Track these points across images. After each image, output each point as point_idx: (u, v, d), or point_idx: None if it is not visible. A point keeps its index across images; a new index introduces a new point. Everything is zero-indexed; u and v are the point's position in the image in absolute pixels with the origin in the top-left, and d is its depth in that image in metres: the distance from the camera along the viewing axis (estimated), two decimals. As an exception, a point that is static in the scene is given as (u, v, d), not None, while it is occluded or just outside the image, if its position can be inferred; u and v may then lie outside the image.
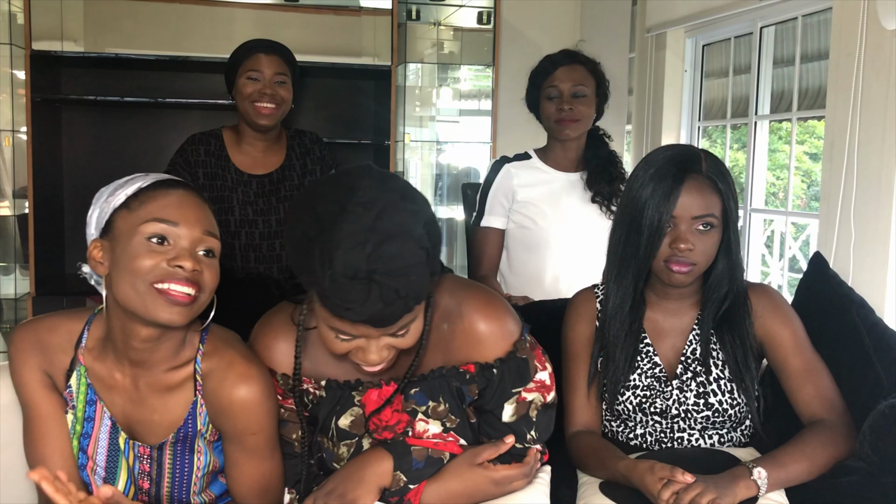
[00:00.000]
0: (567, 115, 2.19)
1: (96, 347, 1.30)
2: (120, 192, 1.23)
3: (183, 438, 1.28)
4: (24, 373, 1.29)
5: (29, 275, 3.10)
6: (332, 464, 1.31)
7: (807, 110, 3.16)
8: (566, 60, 2.23)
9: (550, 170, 2.28)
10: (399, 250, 1.07)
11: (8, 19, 3.18)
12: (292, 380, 1.31)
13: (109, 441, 1.29)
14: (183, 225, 1.20)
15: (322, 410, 1.32)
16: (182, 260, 1.18)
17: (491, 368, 1.30)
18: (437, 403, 1.30)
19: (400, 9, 3.39)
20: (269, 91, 2.26)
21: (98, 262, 1.23)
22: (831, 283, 1.63)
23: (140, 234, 1.18)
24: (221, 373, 1.26)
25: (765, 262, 3.68)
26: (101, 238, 1.23)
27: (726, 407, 1.47)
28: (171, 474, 1.30)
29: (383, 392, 1.32)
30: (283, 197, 2.36)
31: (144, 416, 1.28)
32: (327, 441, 1.32)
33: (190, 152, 2.32)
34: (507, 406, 1.32)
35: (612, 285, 1.51)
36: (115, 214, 1.22)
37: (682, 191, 1.40)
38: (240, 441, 1.28)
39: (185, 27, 3.37)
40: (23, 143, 3.12)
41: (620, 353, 1.49)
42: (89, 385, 1.29)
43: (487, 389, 1.31)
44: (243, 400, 1.25)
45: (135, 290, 1.17)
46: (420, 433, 1.30)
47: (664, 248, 1.43)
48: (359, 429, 1.31)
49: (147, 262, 1.17)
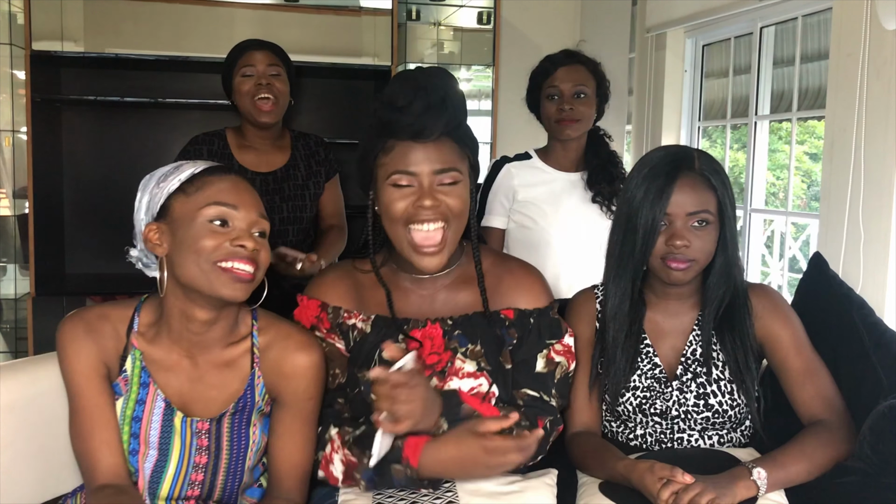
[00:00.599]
0: (568, 115, 2.19)
1: (149, 331, 1.35)
2: (172, 178, 1.31)
3: (241, 409, 1.35)
4: (75, 361, 1.32)
5: (29, 275, 3.10)
6: (371, 395, 1.32)
7: (807, 110, 3.16)
8: (567, 60, 2.24)
9: (551, 170, 2.28)
10: (442, 75, 1.36)
11: (8, 19, 3.19)
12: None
13: (163, 422, 1.33)
14: (241, 208, 1.29)
15: (366, 345, 1.40)
16: (243, 240, 1.27)
17: (528, 317, 1.42)
18: (475, 346, 1.39)
19: (400, 9, 3.39)
20: (265, 82, 2.27)
21: (156, 243, 1.30)
22: (831, 283, 1.63)
23: (202, 217, 1.27)
24: (282, 342, 1.37)
25: (765, 262, 3.68)
26: (156, 221, 1.30)
27: (726, 408, 1.47)
28: (230, 445, 1.35)
29: (427, 330, 1.40)
30: (287, 196, 2.36)
31: (202, 393, 1.34)
32: (367, 373, 1.35)
33: (192, 152, 2.32)
34: (540, 358, 1.41)
35: (611, 286, 1.51)
36: (171, 199, 1.30)
37: (675, 188, 1.41)
38: (296, 406, 1.36)
39: (185, 27, 3.37)
40: (23, 143, 3.12)
41: (621, 355, 1.49)
42: (143, 368, 1.34)
43: (524, 339, 1.41)
44: (305, 365, 1.35)
45: (199, 269, 1.26)
46: (457, 370, 1.37)
47: (660, 246, 1.43)
48: None
49: (211, 242, 1.26)
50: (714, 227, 1.44)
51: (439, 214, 1.33)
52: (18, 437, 1.42)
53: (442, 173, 1.34)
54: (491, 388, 1.37)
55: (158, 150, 3.20)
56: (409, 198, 1.34)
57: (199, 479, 1.34)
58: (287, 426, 1.37)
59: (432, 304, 1.44)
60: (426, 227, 1.34)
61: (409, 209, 1.34)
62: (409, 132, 1.32)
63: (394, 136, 1.34)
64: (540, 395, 1.39)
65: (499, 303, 1.44)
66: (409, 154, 1.33)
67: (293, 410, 1.37)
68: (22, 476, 1.43)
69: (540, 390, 1.40)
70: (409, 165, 1.33)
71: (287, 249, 2.02)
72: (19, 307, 3.29)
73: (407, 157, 1.33)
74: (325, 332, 1.43)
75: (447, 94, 1.33)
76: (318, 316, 1.44)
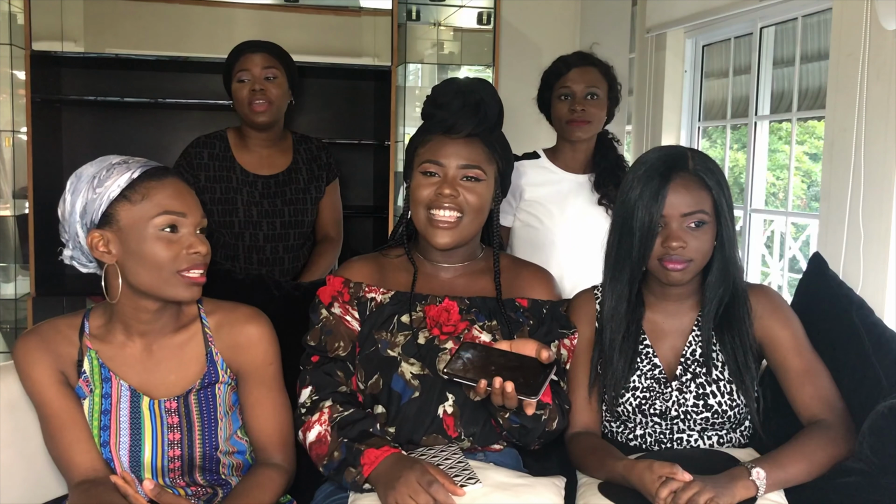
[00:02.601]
0: (579, 115, 2.19)
1: (100, 333, 1.41)
2: (110, 183, 1.31)
3: (206, 385, 1.42)
4: (33, 373, 1.37)
5: (29, 275, 3.10)
6: (387, 350, 1.46)
7: (807, 111, 3.16)
8: (580, 62, 2.23)
9: (559, 170, 2.28)
10: (484, 85, 1.53)
11: (8, 19, 3.19)
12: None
13: (131, 410, 1.38)
14: (188, 213, 1.34)
15: (384, 312, 1.50)
16: (196, 246, 1.33)
17: (541, 307, 1.53)
18: (491, 322, 1.50)
19: (400, 9, 3.38)
20: (259, 87, 2.26)
21: (103, 251, 1.32)
22: (830, 283, 1.63)
23: (153, 227, 1.31)
24: (231, 317, 1.45)
25: (765, 262, 3.68)
26: (100, 229, 1.31)
27: (726, 408, 1.47)
28: (200, 418, 1.41)
29: (444, 305, 1.50)
30: (289, 200, 2.36)
31: (162, 378, 1.41)
32: (385, 333, 1.48)
33: (193, 155, 2.32)
34: (553, 347, 1.50)
35: (608, 288, 1.52)
36: (114, 207, 1.31)
37: (669, 190, 1.41)
38: (259, 375, 1.45)
39: (185, 27, 3.37)
40: (23, 143, 3.12)
41: (619, 357, 1.49)
42: (101, 365, 1.39)
43: (539, 325, 1.51)
44: (257, 334, 1.45)
45: (158, 277, 1.32)
46: (474, 337, 1.47)
47: (657, 248, 1.43)
48: (418, 323, 1.49)
49: (166, 252, 1.31)
50: (711, 226, 1.44)
51: (456, 204, 1.46)
52: (18, 437, 1.43)
53: (466, 168, 1.47)
54: None
55: (158, 150, 3.20)
56: (433, 185, 1.48)
57: (176, 454, 1.39)
58: (256, 397, 1.45)
59: (452, 287, 1.54)
60: (443, 213, 1.47)
61: (431, 195, 1.47)
62: (443, 127, 1.48)
63: (431, 130, 1.50)
64: (557, 380, 1.47)
65: (514, 293, 1.54)
66: (441, 147, 1.48)
67: (257, 379, 1.45)
68: (22, 476, 1.43)
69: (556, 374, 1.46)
70: (439, 157, 1.48)
71: None
72: (19, 307, 3.29)
73: (439, 149, 1.48)
74: (341, 302, 1.51)
75: (483, 99, 1.49)
76: (340, 291, 1.53)
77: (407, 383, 1.44)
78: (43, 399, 1.37)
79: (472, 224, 1.50)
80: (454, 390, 1.44)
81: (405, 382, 1.44)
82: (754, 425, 1.51)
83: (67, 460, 1.35)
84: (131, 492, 1.26)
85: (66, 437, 1.36)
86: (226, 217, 2.30)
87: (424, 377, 1.45)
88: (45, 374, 1.36)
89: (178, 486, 1.40)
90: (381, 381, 1.45)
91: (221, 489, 1.44)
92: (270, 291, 1.74)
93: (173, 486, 1.40)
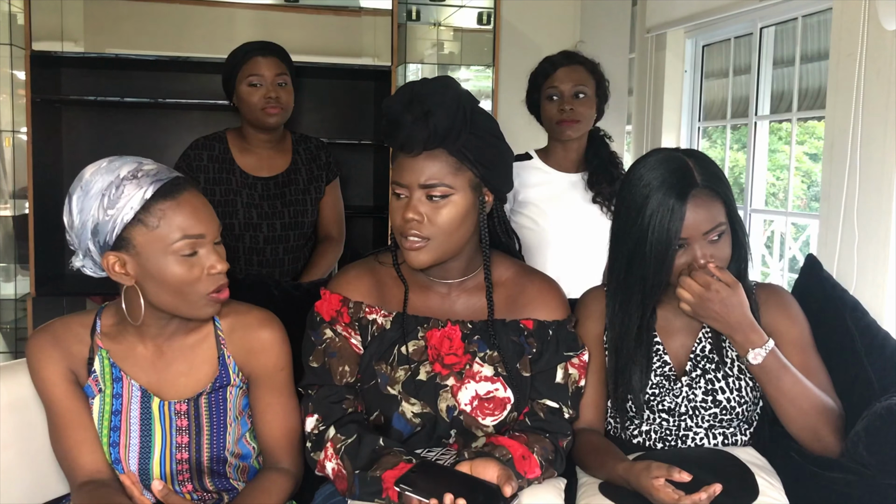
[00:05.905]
0: (568, 115, 2.20)
1: (111, 332, 1.40)
2: (122, 205, 1.26)
3: (218, 388, 1.41)
4: (43, 371, 1.36)
5: (29, 275, 3.10)
6: (387, 388, 1.40)
7: (807, 111, 3.16)
8: (566, 61, 2.24)
9: (551, 170, 2.28)
10: (437, 88, 1.35)
11: (8, 19, 3.19)
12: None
13: (141, 410, 1.38)
14: (207, 233, 1.31)
15: (385, 340, 1.43)
16: (217, 265, 1.31)
17: (547, 328, 1.44)
18: (493, 352, 1.42)
19: (400, 9, 3.38)
20: (274, 95, 2.26)
21: (120, 273, 1.30)
22: (824, 285, 1.63)
23: (173, 252, 1.28)
24: (244, 321, 1.43)
25: (765, 262, 3.68)
26: (117, 251, 1.29)
27: (734, 405, 1.47)
28: (210, 421, 1.40)
29: (446, 331, 1.43)
30: (289, 201, 2.35)
31: (173, 380, 1.40)
32: (385, 366, 1.41)
33: (193, 157, 2.32)
34: (559, 369, 1.43)
35: (617, 312, 1.49)
36: (129, 231, 1.27)
37: (686, 211, 1.37)
38: (270, 379, 1.43)
39: (185, 27, 3.37)
40: (23, 143, 3.13)
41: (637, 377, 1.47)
42: (112, 364, 1.38)
43: (544, 349, 1.43)
44: (270, 339, 1.43)
45: (182, 299, 1.31)
46: (474, 373, 1.40)
47: (680, 267, 1.41)
48: (419, 356, 1.42)
49: (189, 275, 1.29)
50: (728, 230, 1.43)
51: (419, 230, 1.36)
52: (19, 437, 1.43)
53: (427, 188, 1.35)
54: (506, 392, 1.40)
55: (158, 151, 3.20)
56: (401, 209, 1.37)
57: (184, 457, 1.38)
58: (266, 401, 1.43)
59: (452, 305, 1.47)
60: (410, 239, 1.36)
61: (400, 221, 1.38)
62: (397, 145, 1.36)
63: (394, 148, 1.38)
64: (559, 405, 1.42)
65: (519, 312, 1.45)
66: (401, 167, 1.37)
67: (268, 384, 1.43)
68: (22, 476, 1.43)
69: (559, 401, 1.42)
70: (401, 178, 1.36)
71: None
72: (19, 307, 3.29)
73: (401, 169, 1.37)
74: (343, 325, 1.44)
75: (431, 109, 1.31)
76: (339, 310, 1.45)
77: (408, 421, 1.39)
78: (51, 397, 1.36)
79: (448, 242, 1.38)
80: (457, 425, 1.39)
81: (406, 421, 1.39)
82: (763, 422, 1.51)
83: (72, 460, 1.35)
84: (136, 492, 1.26)
85: (72, 437, 1.35)
86: (225, 219, 2.29)
87: (426, 414, 1.39)
88: (56, 373, 1.36)
89: (185, 490, 1.40)
90: (382, 417, 1.40)
91: (227, 494, 1.44)
92: (270, 291, 1.74)
93: (180, 490, 1.40)
